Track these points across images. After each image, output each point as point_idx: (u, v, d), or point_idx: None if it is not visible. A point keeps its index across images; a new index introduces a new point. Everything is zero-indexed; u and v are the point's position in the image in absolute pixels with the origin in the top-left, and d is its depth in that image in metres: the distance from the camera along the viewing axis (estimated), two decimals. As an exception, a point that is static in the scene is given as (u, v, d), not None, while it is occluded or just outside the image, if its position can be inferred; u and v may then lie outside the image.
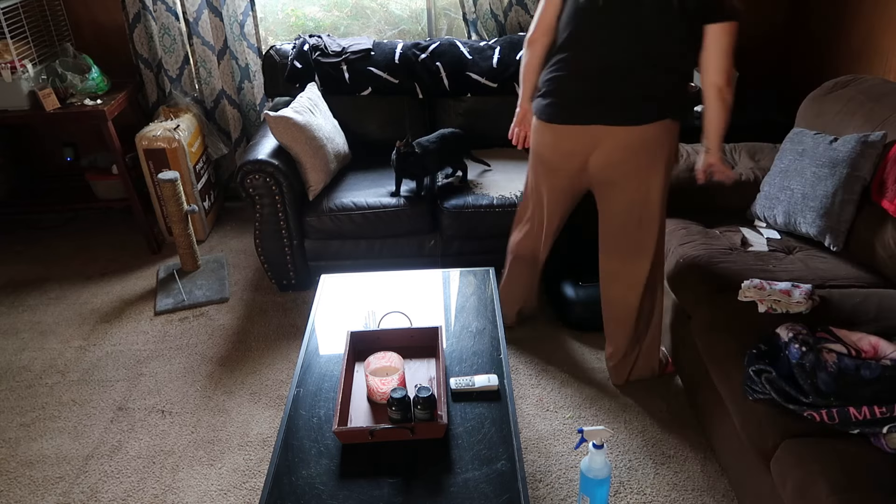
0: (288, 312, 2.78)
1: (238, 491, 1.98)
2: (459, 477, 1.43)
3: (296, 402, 1.66)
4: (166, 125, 3.10)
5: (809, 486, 1.41)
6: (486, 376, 1.69)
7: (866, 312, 1.85)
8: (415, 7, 3.45)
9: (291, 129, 2.62)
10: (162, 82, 3.33)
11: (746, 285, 1.96)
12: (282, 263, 2.79)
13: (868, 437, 1.47)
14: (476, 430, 1.55)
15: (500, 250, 2.79)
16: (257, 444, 2.14)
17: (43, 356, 2.58)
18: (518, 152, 2.92)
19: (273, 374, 2.44)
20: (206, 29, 3.19)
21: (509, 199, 2.67)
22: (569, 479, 1.97)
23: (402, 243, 2.75)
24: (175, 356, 2.55)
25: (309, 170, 2.68)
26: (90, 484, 2.02)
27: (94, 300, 2.91)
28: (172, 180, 2.85)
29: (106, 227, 3.51)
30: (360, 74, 3.01)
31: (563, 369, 2.40)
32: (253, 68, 3.31)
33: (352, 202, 2.68)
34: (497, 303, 2.03)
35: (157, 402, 2.33)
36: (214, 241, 3.36)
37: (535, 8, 3.14)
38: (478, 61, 3.03)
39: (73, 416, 2.29)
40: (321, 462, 1.48)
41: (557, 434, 2.13)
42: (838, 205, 2.11)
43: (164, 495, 1.97)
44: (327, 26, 3.49)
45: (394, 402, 1.52)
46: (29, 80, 2.92)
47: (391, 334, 1.82)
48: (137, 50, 3.22)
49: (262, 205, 2.65)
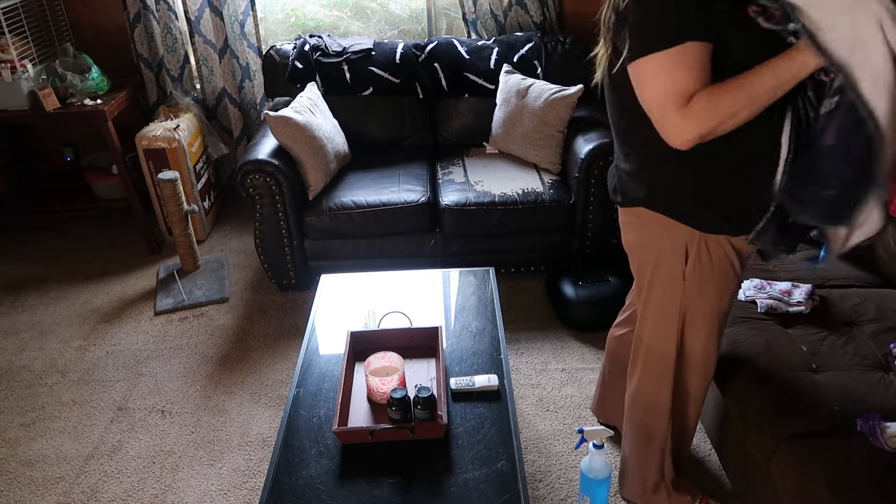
0: (288, 312, 2.78)
1: (238, 491, 1.98)
2: (459, 477, 1.43)
3: (296, 402, 1.66)
4: (166, 125, 3.10)
5: (809, 486, 1.41)
6: (486, 376, 1.69)
7: (866, 312, 1.86)
8: (415, 7, 3.45)
9: (291, 129, 2.62)
10: (162, 82, 3.33)
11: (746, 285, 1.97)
12: (282, 263, 2.79)
13: (868, 438, 1.47)
14: (476, 430, 1.55)
15: (501, 250, 2.80)
16: (257, 444, 2.14)
17: (43, 356, 2.58)
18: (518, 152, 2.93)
19: (273, 374, 2.44)
20: (208, 28, 3.19)
21: (511, 196, 2.67)
22: (569, 479, 1.97)
23: (402, 242, 2.76)
24: (175, 356, 2.55)
25: (309, 169, 2.68)
26: (90, 484, 2.02)
27: (94, 300, 2.91)
28: (172, 180, 2.85)
29: (106, 227, 3.51)
30: (362, 74, 3.01)
31: (563, 369, 2.40)
32: (253, 68, 3.31)
33: (352, 201, 2.68)
34: (497, 303, 2.03)
35: (157, 402, 2.33)
36: (214, 241, 3.36)
37: (534, 7, 3.14)
38: (475, 62, 3.03)
39: (73, 416, 2.29)
40: (321, 462, 1.48)
41: (557, 434, 2.12)
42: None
43: (164, 495, 1.97)
44: (327, 26, 3.49)
45: (394, 402, 1.52)
46: (29, 80, 2.92)
47: (391, 334, 1.81)
48: (138, 49, 3.22)
49: (262, 205, 2.65)
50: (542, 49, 3.05)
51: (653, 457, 1.76)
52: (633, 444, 1.79)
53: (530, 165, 2.90)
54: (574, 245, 2.80)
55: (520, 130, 2.87)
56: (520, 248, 2.80)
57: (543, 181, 2.76)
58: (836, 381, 1.63)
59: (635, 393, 1.71)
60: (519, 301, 2.78)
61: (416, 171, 2.90)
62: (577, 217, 2.73)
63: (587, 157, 2.60)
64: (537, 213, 2.67)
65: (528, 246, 2.79)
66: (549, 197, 2.68)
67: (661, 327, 1.57)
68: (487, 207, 2.65)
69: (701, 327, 1.55)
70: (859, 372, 1.66)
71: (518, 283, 2.89)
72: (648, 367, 1.65)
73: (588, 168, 2.62)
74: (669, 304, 1.53)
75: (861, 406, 1.54)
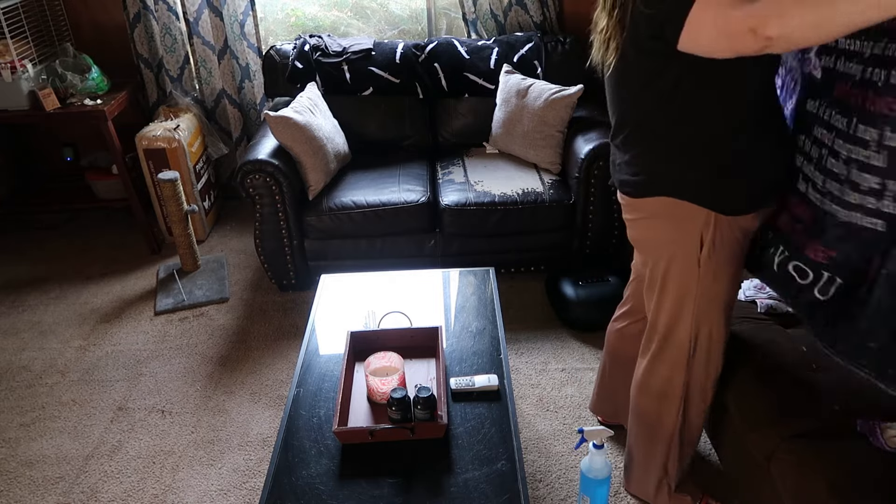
0: (288, 312, 2.78)
1: (238, 491, 1.98)
2: (459, 477, 1.43)
3: (296, 402, 1.66)
4: (166, 125, 3.10)
5: (809, 486, 1.41)
6: (486, 376, 1.69)
7: (866, 312, 1.85)
8: (415, 7, 3.45)
9: (291, 129, 2.62)
10: (162, 82, 3.33)
11: (747, 285, 1.96)
12: (282, 263, 2.79)
13: (868, 437, 1.47)
14: (476, 430, 1.55)
15: (501, 250, 2.80)
16: (257, 444, 2.14)
17: (43, 356, 2.58)
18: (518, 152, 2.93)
19: (273, 374, 2.44)
20: (207, 29, 3.19)
21: (511, 196, 2.67)
22: (569, 479, 1.97)
23: (402, 242, 2.75)
24: (175, 356, 2.55)
25: (309, 169, 2.68)
26: (90, 484, 2.02)
27: (94, 300, 2.91)
28: (172, 180, 2.85)
29: (106, 227, 3.51)
30: (362, 74, 3.01)
31: (563, 369, 2.40)
32: (253, 68, 3.31)
33: (352, 201, 2.68)
34: (497, 303, 2.03)
35: (157, 402, 2.33)
36: (214, 241, 3.36)
37: (534, 7, 3.14)
38: (475, 62, 3.03)
39: (73, 416, 2.29)
40: (321, 462, 1.48)
41: (557, 434, 2.12)
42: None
43: (164, 495, 1.97)
44: (327, 26, 3.49)
45: (394, 402, 1.52)
46: (29, 80, 2.92)
47: (391, 334, 1.81)
48: (138, 50, 3.22)
49: (262, 205, 2.65)
50: (542, 49, 3.05)
51: (658, 449, 1.76)
52: (638, 435, 1.79)
53: (530, 165, 2.90)
54: (574, 245, 2.80)
55: (520, 130, 2.87)
56: (520, 248, 2.80)
57: (543, 181, 2.76)
58: (836, 381, 1.63)
59: (645, 380, 1.72)
60: (519, 301, 2.78)
61: (416, 171, 2.90)
62: (577, 217, 2.73)
63: (587, 157, 2.60)
64: (537, 213, 2.67)
65: (528, 246, 2.79)
66: (549, 197, 2.68)
67: (679, 315, 1.59)
68: (487, 207, 2.65)
69: (715, 313, 1.58)
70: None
71: (518, 283, 2.89)
72: (663, 354, 1.66)
73: (588, 168, 2.62)
74: (686, 292, 1.55)
75: (861, 406, 1.54)
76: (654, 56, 1.32)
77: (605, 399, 2.08)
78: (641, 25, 1.29)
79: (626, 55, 1.37)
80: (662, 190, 1.46)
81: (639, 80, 1.39)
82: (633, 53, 1.35)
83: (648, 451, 1.78)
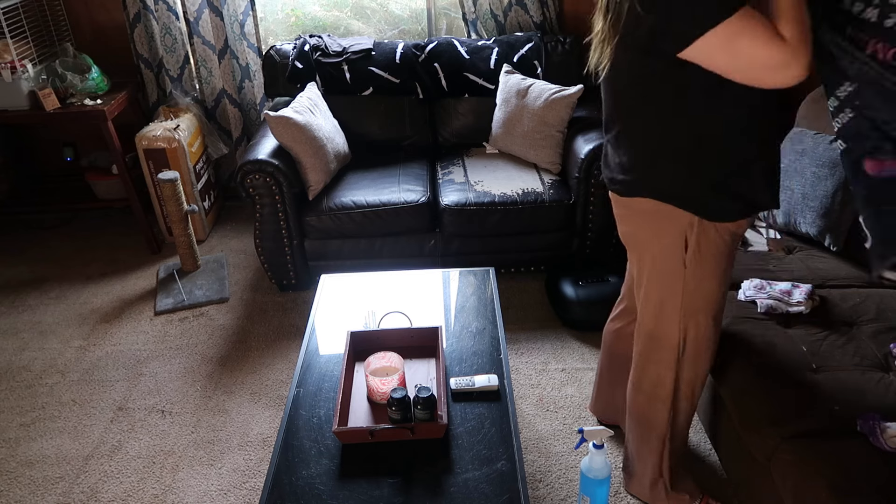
0: (288, 312, 2.78)
1: (238, 491, 1.98)
2: (459, 477, 1.43)
3: (296, 402, 1.66)
4: (166, 125, 3.10)
5: (809, 486, 1.41)
6: (486, 376, 1.69)
7: (866, 312, 1.85)
8: (415, 7, 3.45)
9: (291, 129, 2.62)
10: (162, 82, 3.33)
11: (746, 285, 1.97)
12: (282, 263, 2.79)
13: (868, 437, 1.47)
14: (476, 430, 1.55)
15: (501, 250, 2.80)
16: (257, 444, 2.14)
17: (43, 356, 2.58)
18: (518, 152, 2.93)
19: (273, 374, 2.44)
20: (207, 28, 3.19)
21: (511, 196, 2.67)
22: (569, 479, 1.97)
23: (402, 242, 2.76)
24: (175, 356, 2.55)
25: (309, 169, 2.68)
26: (90, 484, 2.02)
27: (94, 300, 2.91)
28: (172, 180, 2.85)
29: (106, 227, 3.51)
30: (362, 74, 3.01)
31: (563, 369, 2.40)
32: (253, 68, 3.31)
33: (352, 201, 2.68)
34: (497, 303, 2.03)
35: (157, 402, 2.33)
36: (214, 241, 3.36)
37: (534, 7, 3.14)
38: (476, 62, 3.03)
39: (73, 416, 2.29)
40: (321, 462, 1.48)
41: (557, 434, 2.12)
42: (838, 205, 2.11)
43: (164, 495, 1.97)
44: (327, 26, 3.49)
45: (394, 402, 1.52)
46: (29, 80, 2.92)
47: (391, 334, 1.81)
48: (138, 50, 3.22)
49: (262, 205, 2.65)
50: (542, 49, 3.05)
51: (652, 448, 1.76)
52: (635, 434, 1.80)
53: (530, 165, 2.90)
54: (574, 245, 2.80)
55: (520, 130, 2.87)
56: (520, 248, 2.80)
57: (543, 181, 2.76)
58: (836, 381, 1.63)
59: (638, 380, 1.72)
60: (519, 301, 2.78)
61: (416, 171, 2.90)
62: (577, 217, 2.73)
63: (587, 157, 2.60)
64: (537, 213, 2.67)
65: (528, 246, 2.79)
66: (549, 197, 2.68)
67: (664, 315, 1.59)
68: (487, 207, 2.65)
69: (703, 314, 1.57)
70: (859, 372, 1.66)
71: (518, 283, 2.89)
72: (652, 354, 1.66)
73: (588, 168, 2.62)
74: (671, 292, 1.55)
75: (861, 406, 1.54)
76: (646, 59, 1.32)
77: (604, 399, 2.08)
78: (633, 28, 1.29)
79: (618, 58, 1.37)
80: (650, 192, 1.47)
81: (630, 82, 1.39)
82: (625, 56, 1.35)
83: (644, 449, 1.79)
